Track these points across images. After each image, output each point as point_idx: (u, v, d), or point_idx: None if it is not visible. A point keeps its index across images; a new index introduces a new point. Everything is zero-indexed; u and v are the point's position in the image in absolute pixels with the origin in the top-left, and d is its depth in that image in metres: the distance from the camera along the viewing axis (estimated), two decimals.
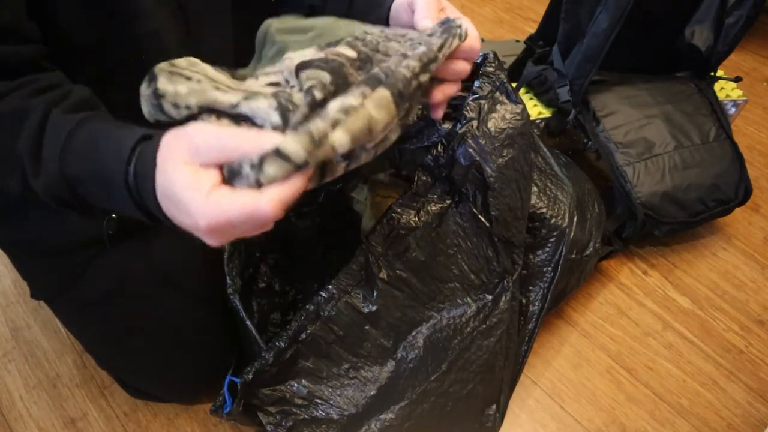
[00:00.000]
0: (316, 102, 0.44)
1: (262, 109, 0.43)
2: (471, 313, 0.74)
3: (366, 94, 0.44)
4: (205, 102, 0.44)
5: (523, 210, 0.77)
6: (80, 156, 0.45)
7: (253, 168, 0.39)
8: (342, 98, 0.43)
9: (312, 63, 0.47)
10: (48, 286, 0.73)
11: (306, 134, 0.39)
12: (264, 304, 0.81)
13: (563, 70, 1.04)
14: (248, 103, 0.44)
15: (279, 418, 0.71)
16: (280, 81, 0.49)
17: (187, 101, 0.44)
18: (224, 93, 0.45)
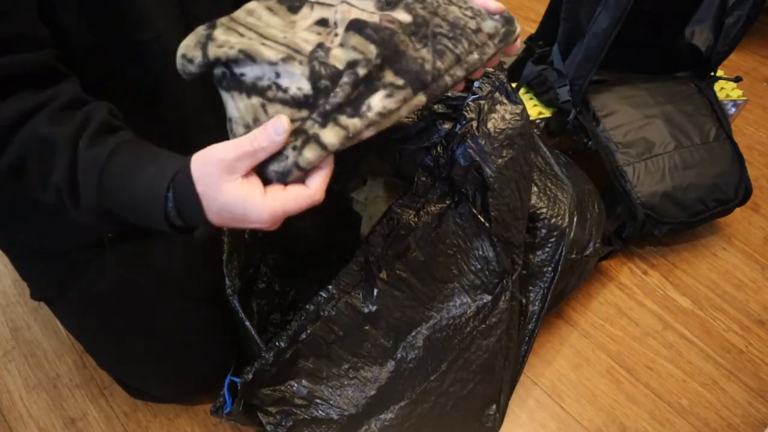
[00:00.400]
0: (359, 80, 0.47)
1: (295, 75, 0.47)
2: (471, 313, 0.74)
3: (407, 98, 0.47)
4: (249, 50, 0.48)
5: (522, 210, 0.77)
6: (116, 193, 0.49)
7: (294, 149, 0.46)
8: (383, 98, 0.47)
9: (364, 29, 0.48)
10: (48, 287, 0.73)
11: (344, 130, 0.46)
12: (264, 305, 0.81)
13: (563, 70, 1.04)
14: (284, 65, 0.47)
15: (279, 418, 0.71)
16: (330, 20, 0.50)
17: (232, 47, 0.48)
18: (268, 48, 0.48)
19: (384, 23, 0.49)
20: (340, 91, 0.47)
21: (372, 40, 0.48)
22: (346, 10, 0.49)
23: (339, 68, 0.48)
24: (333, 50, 0.48)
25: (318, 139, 0.46)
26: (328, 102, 0.46)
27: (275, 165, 0.46)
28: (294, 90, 0.47)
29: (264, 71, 0.48)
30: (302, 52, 0.48)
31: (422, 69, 0.48)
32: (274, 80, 0.48)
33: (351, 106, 0.47)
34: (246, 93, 0.48)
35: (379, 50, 0.48)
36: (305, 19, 0.51)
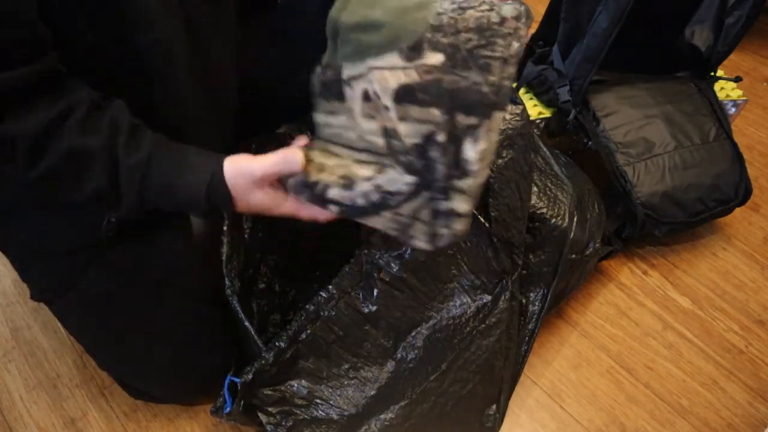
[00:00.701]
0: (445, 144, 0.48)
1: (396, 180, 0.51)
2: (470, 313, 0.74)
3: (489, 128, 0.48)
4: (348, 174, 0.53)
5: (522, 210, 0.77)
6: (157, 197, 0.57)
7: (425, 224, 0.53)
8: (472, 146, 0.48)
9: (414, 96, 0.49)
10: (48, 287, 0.73)
11: (465, 193, 0.50)
12: (264, 305, 0.81)
13: (563, 70, 1.04)
14: (382, 176, 0.52)
15: (279, 418, 0.71)
16: (369, 91, 0.51)
17: (333, 172, 0.53)
18: (361, 167, 0.53)
19: (425, 78, 0.48)
20: (439, 168, 0.49)
21: (429, 103, 0.48)
22: (380, 78, 0.49)
23: (419, 142, 0.49)
24: (399, 129, 0.50)
25: (453, 211, 0.50)
26: (435, 180, 0.50)
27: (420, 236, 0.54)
28: (403, 187, 0.51)
29: (366, 189, 0.53)
30: (381, 151, 0.51)
31: (482, 92, 0.47)
32: (382, 193, 0.52)
33: (455, 168, 0.49)
34: (370, 214, 0.54)
35: (441, 109, 0.48)
36: (354, 101, 0.52)
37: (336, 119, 0.53)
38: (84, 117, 0.53)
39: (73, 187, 0.55)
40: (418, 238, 0.54)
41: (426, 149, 0.49)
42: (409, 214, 0.52)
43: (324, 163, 0.53)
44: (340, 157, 0.53)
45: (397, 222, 0.53)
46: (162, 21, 0.56)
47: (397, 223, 0.54)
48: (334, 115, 0.53)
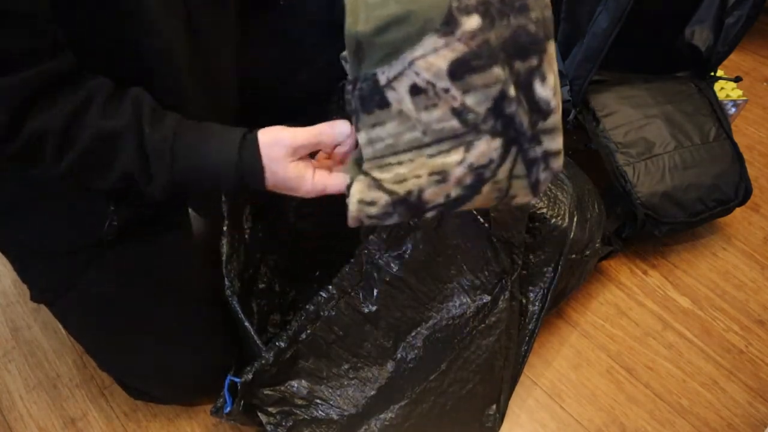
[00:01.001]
0: (517, 97, 0.48)
1: (486, 151, 0.50)
2: (470, 313, 0.74)
3: (551, 60, 0.48)
4: (435, 168, 0.51)
5: (522, 211, 0.77)
6: (188, 170, 0.56)
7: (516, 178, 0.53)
8: (542, 85, 0.48)
9: (470, 65, 0.47)
10: (48, 287, 0.73)
11: (554, 132, 0.51)
12: (264, 305, 0.81)
13: (563, 70, 1.04)
14: (471, 154, 0.50)
15: (279, 418, 0.71)
16: (419, 85, 0.48)
17: (417, 175, 0.51)
18: (446, 156, 0.51)
19: (471, 45, 0.47)
20: (520, 119, 0.49)
21: (486, 66, 0.47)
22: (427, 66, 0.47)
23: (490, 106, 0.48)
24: (468, 103, 0.48)
25: (548, 152, 0.51)
26: (520, 132, 0.49)
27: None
28: (494, 154, 0.50)
29: (459, 174, 0.51)
30: (460, 131, 0.50)
31: (530, 32, 0.47)
32: (476, 170, 0.51)
33: (536, 112, 0.49)
34: (469, 199, 0.53)
35: (500, 65, 0.47)
36: (402, 100, 0.50)
37: (384, 129, 0.51)
38: (105, 101, 0.53)
39: (104, 172, 0.55)
40: (519, 194, 0.53)
41: (501, 107, 0.48)
42: (507, 176, 0.52)
43: (398, 173, 0.51)
44: (411, 162, 0.51)
45: (497, 190, 0.52)
46: (163, 21, 0.56)
47: (498, 191, 0.53)
48: (381, 126, 0.51)
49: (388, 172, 0.52)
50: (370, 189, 0.52)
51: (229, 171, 0.56)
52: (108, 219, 0.67)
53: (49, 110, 0.51)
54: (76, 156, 0.53)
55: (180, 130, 0.56)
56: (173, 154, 0.55)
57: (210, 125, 0.58)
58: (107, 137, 0.53)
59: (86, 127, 0.52)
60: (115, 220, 0.67)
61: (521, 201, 0.54)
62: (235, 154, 0.56)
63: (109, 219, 0.67)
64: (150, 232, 0.72)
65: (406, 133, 0.51)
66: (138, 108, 0.55)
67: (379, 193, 0.52)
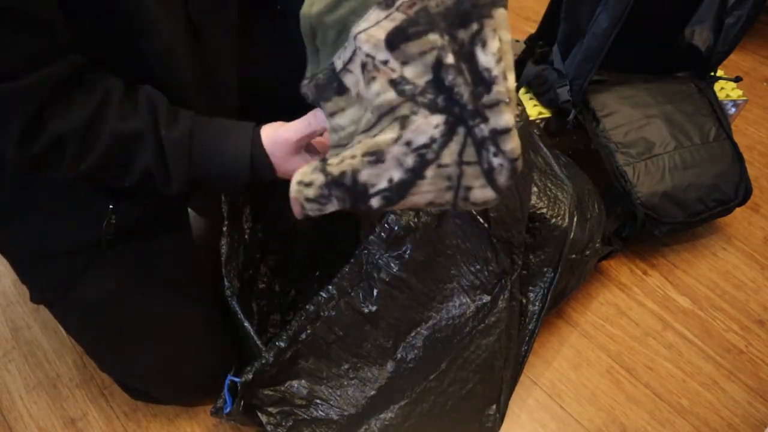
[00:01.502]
0: (455, 65, 0.44)
1: (423, 126, 0.46)
2: (470, 313, 0.74)
3: (497, 27, 0.43)
4: (369, 148, 0.47)
5: (522, 211, 0.77)
6: (204, 167, 0.59)
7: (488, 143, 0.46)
8: (483, 51, 0.43)
9: (406, 33, 0.44)
10: (47, 288, 0.73)
11: (509, 106, 0.44)
12: (264, 305, 0.81)
13: (563, 70, 1.04)
14: (407, 130, 0.46)
15: (279, 418, 0.71)
16: (361, 60, 0.46)
17: (354, 156, 0.48)
18: (382, 134, 0.47)
19: (410, 13, 0.44)
20: (461, 91, 0.44)
21: (423, 32, 0.44)
22: (368, 38, 0.45)
23: (430, 78, 0.45)
24: (406, 74, 0.45)
25: (496, 130, 0.44)
26: (463, 106, 0.45)
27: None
28: (434, 131, 0.46)
29: (397, 153, 0.47)
30: (396, 103, 0.46)
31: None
32: (416, 150, 0.46)
33: (479, 83, 0.44)
34: (415, 185, 0.48)
35: (438, 32, 0.44)
36: (358, 82, 0.48)
37: (344, 116, 0.49)
38: (120, 100, 0.54)
39: (123, 172, 0.57)
40: (476, 187, 0.47)
41: (440, 78, 0.44)
42: (455, 161, 0.46)
43: (343, 155, 0.48)
44: (358, 143, 0.48)
45: (446, 178, 0.47)
46: (163, 21, 0.56)
47: (447, 179, 0.47)
48: (341, 113, 0.50)
49: (339, 156, 0.49)
50: (312, 170, 0.49)
51: (244, 166, 0.59)
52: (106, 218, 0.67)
53: (67, 112, 0.52)
54: (96, 158, 0.54)
55: (195, 128, 0.57)
56: (191, 154, 0.57)
57: (221, 122, 0.60)
58: (126, 139, 0.54)
59: (105, 128, 0.53)
60: (114, 218, 0.67)
61: (480, 197, 0.48)
62: (248, 150, 0.58)
63: (107, 217, 0.67)
64: (150, 232, 0.72)
65: (363, 117, 0.49)
66: (153, 108, 0.56)
67: (317, 174, 0.49)
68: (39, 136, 0.51)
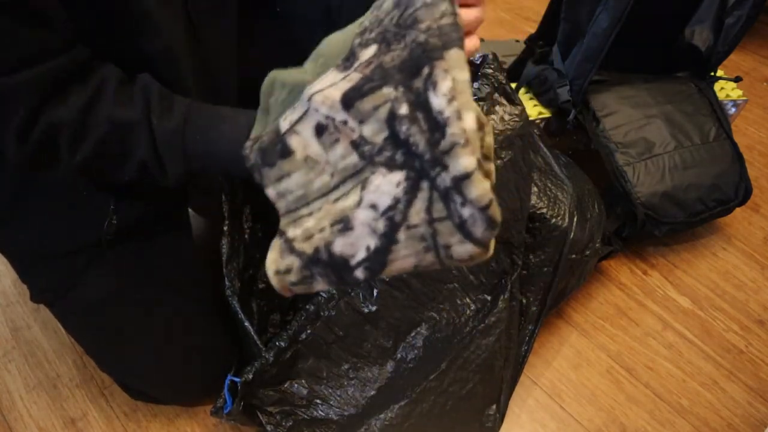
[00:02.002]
0: (409, 115, 0.41)
1: (383, 186, 0.43)
2: (470, 313, 0.74)
3: (449, 68, 0.40)
4: (336, 216, 0.45)
5: (522, 211, 0.77)
6: (199, 158, 0.56)
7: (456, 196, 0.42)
8: (434, 93, 0.41)
9: (360, 90, 0.43)
10: (47, 287, 0.73)
11: (467, 148, 0.40)
12: (264, 305, 0.81)
13: (563, 70, 1.04)
14: (368, 192, 0.43)
15: (279, 418, 0.71)
16: (321, 123, 0.45)
17: (321, 228, 0.45)
18: (344, 200, 0.45)
19: (365, 72, 0.43)
20: (417, 140, 0.41)
21: (376, 87, 0.42)
22: (324, 99, 0.44)
23: (387, 134, 0.42)
24: (364, 133, 0.43)
25: (457, 177, 0.41)
26: (422, 158, 0.42)
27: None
28: (396, 190, 0.43)
29: (364, 218, 0.44)
30: (358, 167, 0.44)
31: (420, 42, 0.42)
32: (383, 213, 0.43)
33: (434, 130, 0.41)
34: (392, 250, 0.44)
35: (391, 85, 0.42)
36: (307, 144, 0.45)
37: (290, 181, 0.47)
38: (115, 90, 0.53)
39: (118, 163, 0.55)
40: (454, 244, 0.44)
41: (395, 131, 0.42)
42: (424, 219, 0.43)
43: (306, 228, 0.46)
44: (319, 211, 0.46)
45: (419, 239, 0.44)
46: (163, 21, 0.56)
47: (421, 240, 0.44)
48: (287, 178, 0.47)
49: (299, 228, 0.47)
50: (282, 255, 0.47)
51: (239, 156, 0.54)
52: (108, 218, 0.67)
53: (62, 103, 0.51)
54: (90, 147, 0.53)
55: (189, 118, 0.55)
56: (184, 145, 0.55)
57: (219, 109, 0.57)
58: (119, 128, 0.53)
59: (98, 117, 0.52)
60: (116, 219, 0.67)
61: (463, 253, 0.44)
62: (245, 140, 0.54)
63: (109, 218, 0.67)
64: (150, 232, 0.72)
65: (316, 180, 0.46)
66: (146, 98, 0.54)
67: (292, 258, 0.46)
68: (35, 129, 0.51)
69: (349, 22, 0.52)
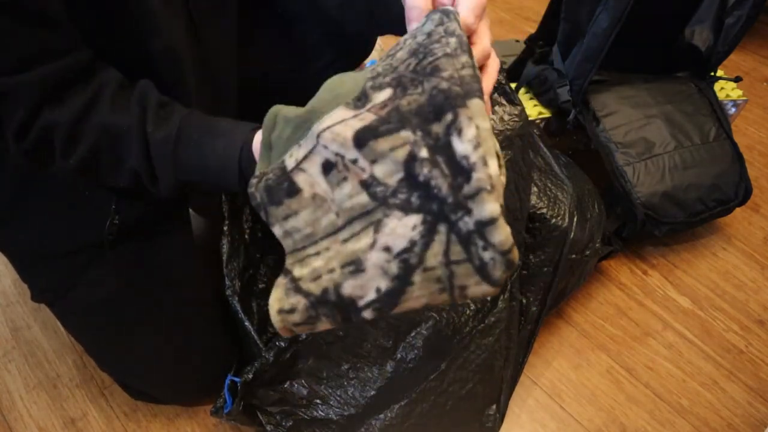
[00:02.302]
0: (431, 159, 0.41)
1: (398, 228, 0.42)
2: (470, 313, 0.74)
3: (472, 115, 0.41)
4: (347, 257, 0.44)
5: (522, 211, 0.77)
6: (191, 170, 0.55)
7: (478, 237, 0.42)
8: (459, 138, 0.41)
9: (376, 131, 0.42)
10: (48, 287, 0.73)
11: (492, 194, 0.40)
12: (264, 305, 0.81)
13: (563, 70, 1.04)
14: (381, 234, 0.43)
15: (279, 418, 0.72)
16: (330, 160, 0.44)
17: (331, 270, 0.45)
18: (356, 241, 0.44)
19: (380, 113, 0.43)
20: (439, 184, 0.41)
21: (394, 130, 0.42)
22: (334, 136, 0.43)
23: (402, 176, 0.42)
24: (376, 173, 0.43)
25: (481, 221, 0.41)
26: (443, 201, 0.41)
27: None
28: (412, 233, 0.43)
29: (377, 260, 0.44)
30: (369, 208, 0.43)
31: (443, 89, 0.42)
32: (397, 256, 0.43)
33: (458, 174, 0.41)
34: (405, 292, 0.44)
35: (410, 129, 0.42)
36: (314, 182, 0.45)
37: (298, 219, 0.46)
38: (113, 95, 0.53)
39: (111, 169, 0.55)
40: (471, 285, 0.44)
41: (414, 174, 0.42)
42: (441, 262, 0.43)
43: (314, 268, 0.45)
44: (327, 251, 0.45)
45: (435, 281, 0.44)
46: (164, 21, 0.56)
47: (437, 282, 0.44)
48: (294, 217, 0.46)
49: (307, 267, 0.46)
50: (288, 294, 0.46)
51: (231, 172, 0.55)
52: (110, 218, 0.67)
53: (61, 104, 0.51)
54: (84, 150, 0.53)
55: (184, 128, 0.55)
56: (175, 156, 0.54)
57: (217, 122, 0.57)
58: (113, 134, 0.53)
59: (93, 122, 0.52)
60: (117, 219, 0.67)
61: (478, 293, 0.44)
62: (237, 155, 0.54)
63: (110, 218, 0.67)
64: (150, 232, 0.72)
65: (323, 218, 0.45)
66: (143, 105, 0.54)
67: (297, 297, 0.46)
68: (33, 129, 0.51)
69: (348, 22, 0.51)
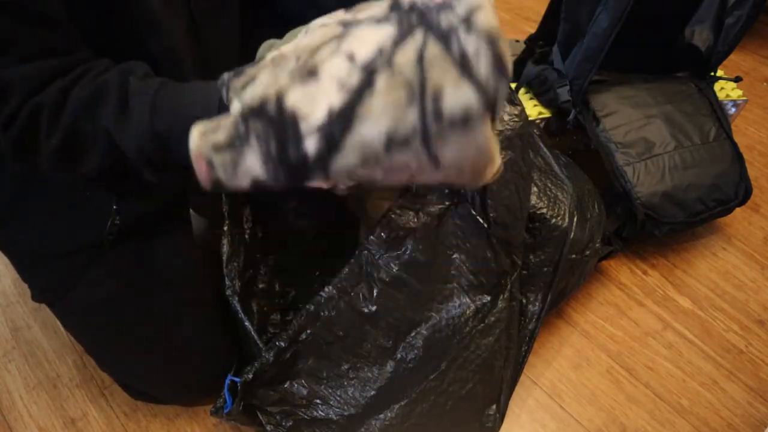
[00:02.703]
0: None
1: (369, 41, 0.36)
2: (470, 313, 0.74)
3: None
4: (302, 68, 0.38)
5: (522, 211, 0.77)
6: (169, 112, 0.49)
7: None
8: None
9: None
10: (48, 287, 0.73)
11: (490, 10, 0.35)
12: (264, 305, 0.81)
13: (563, 70, 1.04)
14: (345, 42, 0.37)
15: (279, 418, 0.72)
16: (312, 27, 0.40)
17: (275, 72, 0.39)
18: (316, 53, 0.38)
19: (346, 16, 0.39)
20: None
21: None
22: (319, 22, 0.41)
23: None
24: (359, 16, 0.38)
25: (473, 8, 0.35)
26: (426, 7, 0.36)
27: None
28: (383, 39, 0.36)
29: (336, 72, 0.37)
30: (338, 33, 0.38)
31: None
32: (363, 61, 0.36)
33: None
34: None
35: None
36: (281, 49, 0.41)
37: (255, 83, 0.40)
38: (99, 72, 0.51)
39: (87, 137, 0.51)
40: (448, 87, 0.35)
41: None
42: (412, 59, 0.35)
43: (257, 78, 0.39)
44: (277, 68, 0.39)
45: (403, 85, 0.35)
46: (165, 21, 0.56)
47: (405, 87, 0.35)
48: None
49: (247, 76, 0.39)
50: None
51: (212, 107, 0.49)
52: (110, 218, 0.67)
53: (47, 89, 0.50)
54: (66, 119, 0.50)
55: (166, 83, 0.51)
56: (155, 98, 0.50)
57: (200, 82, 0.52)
58: (94, 92, 0.50)
59: (76, 95, 0.50)
60: (118, 219, 0.67)
61: (456, 103, 0.35)
62: (215, 105, 0.48)
63: (111, 218, 0.67)
64: (150, 232, 0.72)
65: (284, 67, 0.39)
66: (128, 70, 0.52)
67: (227, 115, 0.39)
68: (20, 115, 0.50)
69: None
